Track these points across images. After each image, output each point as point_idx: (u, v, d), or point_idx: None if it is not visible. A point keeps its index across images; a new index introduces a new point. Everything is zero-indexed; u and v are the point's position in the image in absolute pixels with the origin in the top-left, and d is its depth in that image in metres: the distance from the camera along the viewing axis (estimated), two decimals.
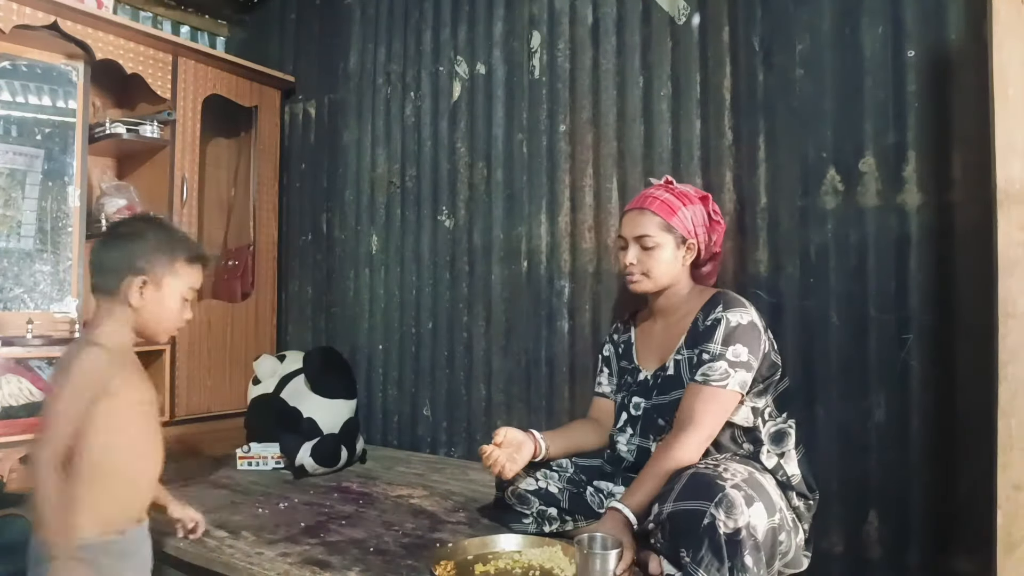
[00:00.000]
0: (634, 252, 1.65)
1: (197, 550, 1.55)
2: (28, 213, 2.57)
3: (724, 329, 1.51)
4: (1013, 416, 1.32)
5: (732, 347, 1.49)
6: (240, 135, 3.23)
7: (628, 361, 1.77)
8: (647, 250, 1.63)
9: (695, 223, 1.65)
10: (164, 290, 1.39)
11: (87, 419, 1.27)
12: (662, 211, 1.63)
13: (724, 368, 1.47)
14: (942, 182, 1.72)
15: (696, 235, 1.65)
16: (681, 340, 1.62)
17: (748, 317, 1.54)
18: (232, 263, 3.11)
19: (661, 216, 1.63)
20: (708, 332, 1.54)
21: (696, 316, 1.61)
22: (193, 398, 2.78)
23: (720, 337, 1.51)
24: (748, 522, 1.20)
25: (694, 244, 1.66)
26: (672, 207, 1.64)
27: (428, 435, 2.71)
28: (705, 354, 1.51)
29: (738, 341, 1.50)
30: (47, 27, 2.37)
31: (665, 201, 1.64)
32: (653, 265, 1.63)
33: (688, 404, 1.49)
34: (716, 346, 1.50)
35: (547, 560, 1.46)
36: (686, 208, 1.64)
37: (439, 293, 2.70)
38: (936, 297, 1.72)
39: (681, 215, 1.63)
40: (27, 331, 2.39)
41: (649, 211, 1.64)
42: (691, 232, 1.65)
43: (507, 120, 2.52)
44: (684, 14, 2.12)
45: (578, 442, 1.77)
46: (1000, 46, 1.36)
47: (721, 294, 1.61)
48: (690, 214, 1.64)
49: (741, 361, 1.48)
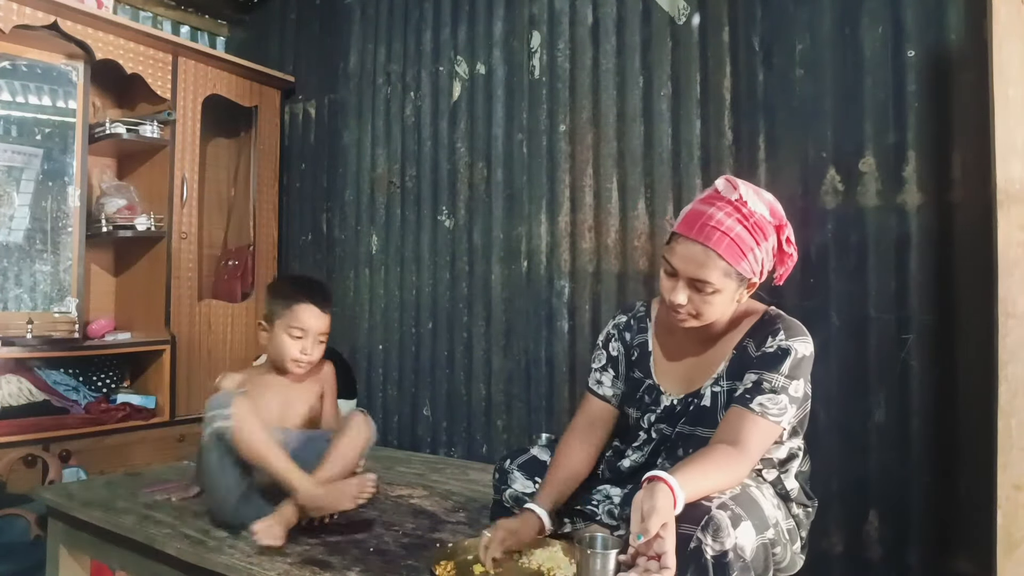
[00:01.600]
0: (686, 293, 1.37)
1: (197, 550, 1.55)
2: (21, 207, 2.56)
3: (792, 361, 1.35)
4: (1013, 416, 1.32)
5: (795, 381, 1.35)
6: (240, 135, 3.23)
7: (644, 373, 1.57)
8: (702, 293, 1.36)
9: (764, 262, 1.38)
10: (274, 331, 1.77)
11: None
12: (730, 254, 1.32)
13: (784, 404, 1.33)
14: (942, 182, 1.72)
15: (762, 275, 1.39)
16: (721, 367, 1.44)
17: (811, 348, 1.39)
18: (232, 263, 3.11)
19: (727, 260, 1.32)
20: (772, 360, 1.36)
21: (743, 341, 1.43)
22: (193, 398, 2.78)
23: (787, 370, 1.35)
24: (735, 543, 1.18)
25: (756, 283, 1.40)
26: (743, 248, 1.33)
27: (428, 435, 2.71)
28: (766, 383, 1.34)
29: (801, 376, 1.36)
30: (47, 27, 2.37)
31: (736, 239, 1.33)
32: (707, 309, 1.38)
33: (737, 427, 1.33)
34: (781, 379, 1.34)
35: (547, 560, 1.46)
36: (759, 248, 1.35)
37: (439, 293, 2.70)
38: (936, 297, 1.72)
39: (752, 258, 1.34)
40: (27, 331, 2.39)
41: (715, 253, 1.32)
42: (758, 273, 1.38)
43: (507, 120, 2.52)
44: (684, 14, 2.12)
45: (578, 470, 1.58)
46: (1000, 46, 1.36)
47: (778, 318, 1.43)
48: (762, 255, 1.36)
49: (797, 397, 1.36)
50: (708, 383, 1.46)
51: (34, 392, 2.59)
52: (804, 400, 1.41)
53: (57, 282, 2.61)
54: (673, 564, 1.11)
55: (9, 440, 2.26)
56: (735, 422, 1.34)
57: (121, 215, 2.71)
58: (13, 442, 2.26)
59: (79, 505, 1.86)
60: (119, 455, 2.52)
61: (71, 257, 2.60)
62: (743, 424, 1.33)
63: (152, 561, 1.67)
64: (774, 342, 1.38)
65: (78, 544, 1.93)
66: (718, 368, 1.45)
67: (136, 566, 1.75)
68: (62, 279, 2.61)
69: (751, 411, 1.33)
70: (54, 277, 2.61)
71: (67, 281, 2.60)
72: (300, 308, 1.76)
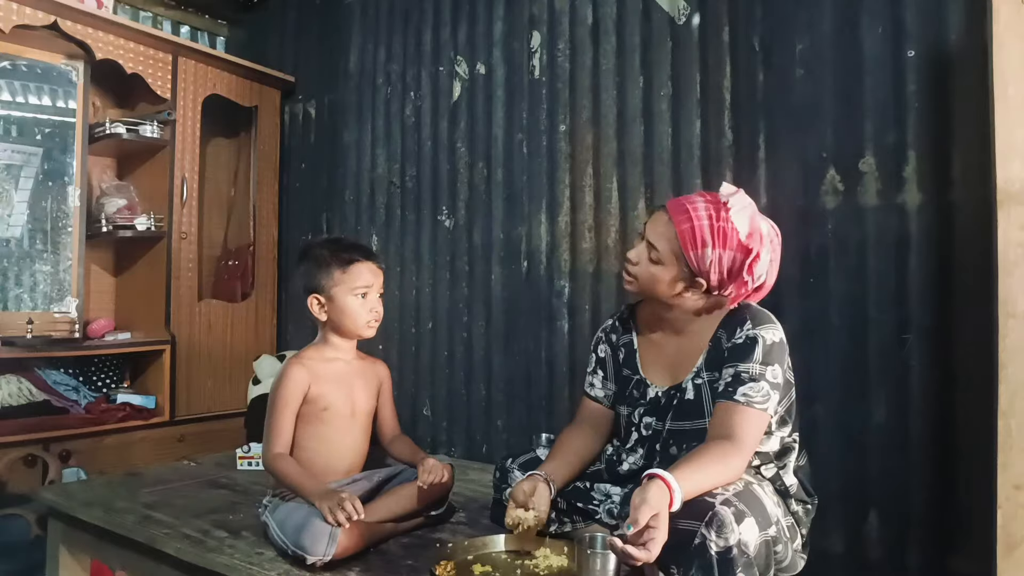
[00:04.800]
0: (641, 252, 1.48)
1: (197, 550, 1.55)
2: (19, 204, 2.57)
3: (762, 348, 1.40)
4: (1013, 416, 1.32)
5: (771, 367, 1.39)
6: (240, 135, 3.23)
7: (631, 370, 1.63)
8: (651, 261, 1.46)
9: (715, 268, 1.41)
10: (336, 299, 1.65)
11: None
12: (684, 237, 1.41)
13: (766, 390, 1.37)
14: (942, 182, 1.72)
15: (708, 278, 1.43)
16: (700, 360, 1.49)
17: (780, 335, 1.43)
18: (232, 263, 3.12)
19: (679, 241, 1.41)
20: (743, 351, 1.41)
21: (717, 333, 1.48)
22: (193, 398, 2.78)
23: (759, 356, 1.39)
24: (739, 539, 1.19)
25: (702, 284, 1.44)
26: (697, 239, 1.40)
27: (428, 435, 2.71)
28: (744, 374, 1.39)
29: (776, 361, 1.40)
30: (47, 27, 2.37)
31: (697, 229, 1.40)
32: (646, 278, 1.47)
33: (727, 422, 1.36)
34: (756, 366, 1.39)
35: (547, 560, 1.46)
36: (713, 250, 1.40)
37: (439, 293, 2.70)
38: (936, 297, 1.72)
39: (702, 254, 1.40)
40: (27, 331, 2.39)
41: (675, 229, 1.42)
42: (703, 274, 1.42)
43: (507, 120, 2.52)
44: (684, 14, 2.12)
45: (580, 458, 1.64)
46: (1000, 46, 1.36)
47: (746, 308, 1.48)
48: (714, 258, 1.40)
49: (777, 383, 1.39)
50: (689, 376, 1.50)
51: (34, 392, 2.59)
52: (787, 387, 1.44)
53: (57, 282, 2.61)
54: (657, 551, 1.15)
55: (9, 440, 2.26)
56: (724, 417, 1.38)
57: (121, 215, 2.71)
58: (13, 442, 2.26)
59: (79, 505, 1.86)
60: (119, 455, 2.52)
61: (71, 257, 2.60)
62: (731, 417, 1.37)
63: (152, 561, 1.67)
64: (742, 332, 1.43)
65: (78, 544, 1.93)
66: (697, 361, 1.50)
67: (136, 566, 1.75)
68: (62, 279, 2.61)
69: (736, 403, 1.37)
70: (54, 277, 2.61)
71: (67, 281, 2.60)
72: (359, 266, 1.66)
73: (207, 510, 1.82)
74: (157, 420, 2.67)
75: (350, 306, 1.65)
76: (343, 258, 1.65)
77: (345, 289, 1.64)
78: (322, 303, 1.66)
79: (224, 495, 2.00)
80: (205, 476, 2.21)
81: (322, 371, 1.68)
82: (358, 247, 1.71)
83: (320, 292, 1.66)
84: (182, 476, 2.19)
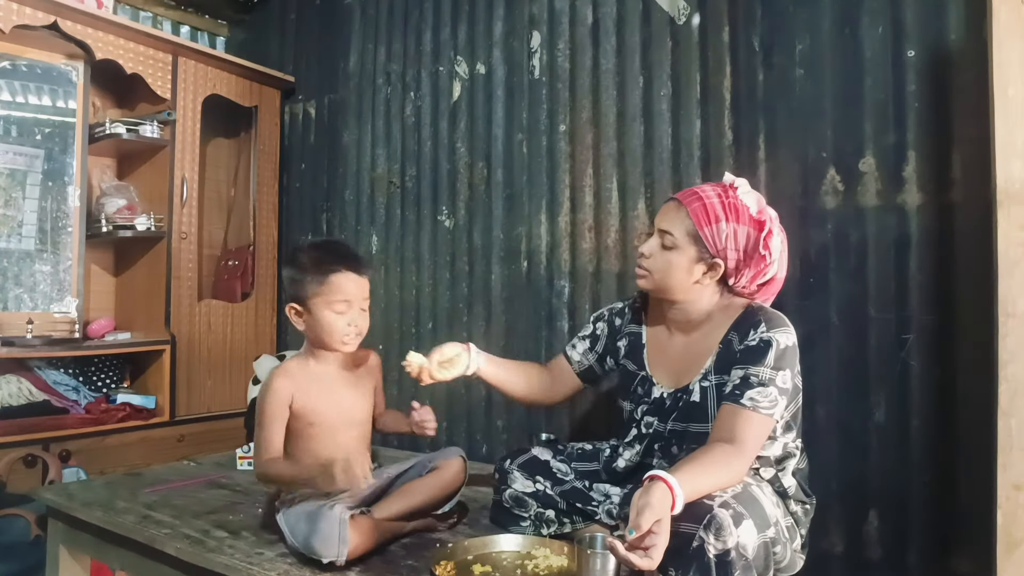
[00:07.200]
0: (653, 244, 1.48)
1: (197, 550, 1.55)
2: (29, 213, 2.57)
3: (775, 352, 1.38)
4: (1013, 416, 1.32)
5: (782, 372, 1.37)
6: (240, 135, 3.23)
7: (637, 365, 1.61)
8: (666, 249, 1.46)
9: (732, 245, 1.42)
10: (313, 311, 1.56)
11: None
12: (697, 215, 1.43)
13: (774, 396, 1.35)
14: (942, 182, 1.72)
15: (726, 258, 1.43)
16: (709, 362, 1.47)
17: (793, 339, 1.41)
18: (232, 263, 3.11)
19: (693, 220, 1.43)
20: (756, 353, 1.39)
21: (728, 335, 1.46)
22: (193, 398, 2.78)
23: (771, 361, 1.37)
24: (737, 542, 1.19)
25: (720, 266, 1.45)
26: (710, 215, 1.42)
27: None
28: (753, 377, 1.37)
29: (787, 366, 1.38)
30: (47, 27, 2.37)
31: (708, 206, 1.43)
32: (663, 268, 1.47)
33: (731, 424, 1.35)
34: (767, 370, 1.37)
35: (547, 560, 1.46)
36: (728, 224, 1.41)
37: (439, 293, 2.70)
38: (936, 297, 1.72)
39: (717, 229, 1.41)
40: (27, 331, 2.39)
41: (686, 210, 1.45)
42: (720, 252, 1.43)
43: (507, 120, 2.52)
44: (684, 14, 2.12)
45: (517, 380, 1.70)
46: (1000, 46, 1.36)
47: (759, 310, 1.46)
48: (729, 232, 1.41)
49: (786, 388, 1.38)
50: (697, 378, 1.49)
51: (34, 392, 2.59)
52: (794, 393, 1.43)
53: (57, 282, 2.61)
54: (659, 557, 1.14)
55: (9, 440, 2.26)
56: (728, 419, 1.36)
57: (121, 215, 2.71)
58: (13, 442, 2.26)
59: (79, 505, 1.86)
60: (119, 455, 2.52)
61: (71, 257, 2.60)
62: (736, 420, 1.35)
63: (152, 561, 1.67)
64: (756, 335, 1.41)
65: (78, 544, 1.93)
66: (706, 363, 1.48)
67: (136, 566, 1.75)
68: (62, 279, 2.61)
69: (743, 407, 1.35)
70: (54, 277, 2.61)
71: (67, 281, 2.60)
72: (337, 277, 1.55)
73: (207, 510, 1.82)
74: (157, 420, 2.67)
75: (326, 319, 1.56)
76: (323, 268, 1.55)
77: (322, 302, 1.55)
78: (300, 312, 1.59)
79: (224, 495, 2.00)
80: (205, 476, 2.21)
81: (307, 382, 1.61)
82: (342, 256, 1.59)
83: (298, 302, 1.58)
84: (182, 476, 2.19)
